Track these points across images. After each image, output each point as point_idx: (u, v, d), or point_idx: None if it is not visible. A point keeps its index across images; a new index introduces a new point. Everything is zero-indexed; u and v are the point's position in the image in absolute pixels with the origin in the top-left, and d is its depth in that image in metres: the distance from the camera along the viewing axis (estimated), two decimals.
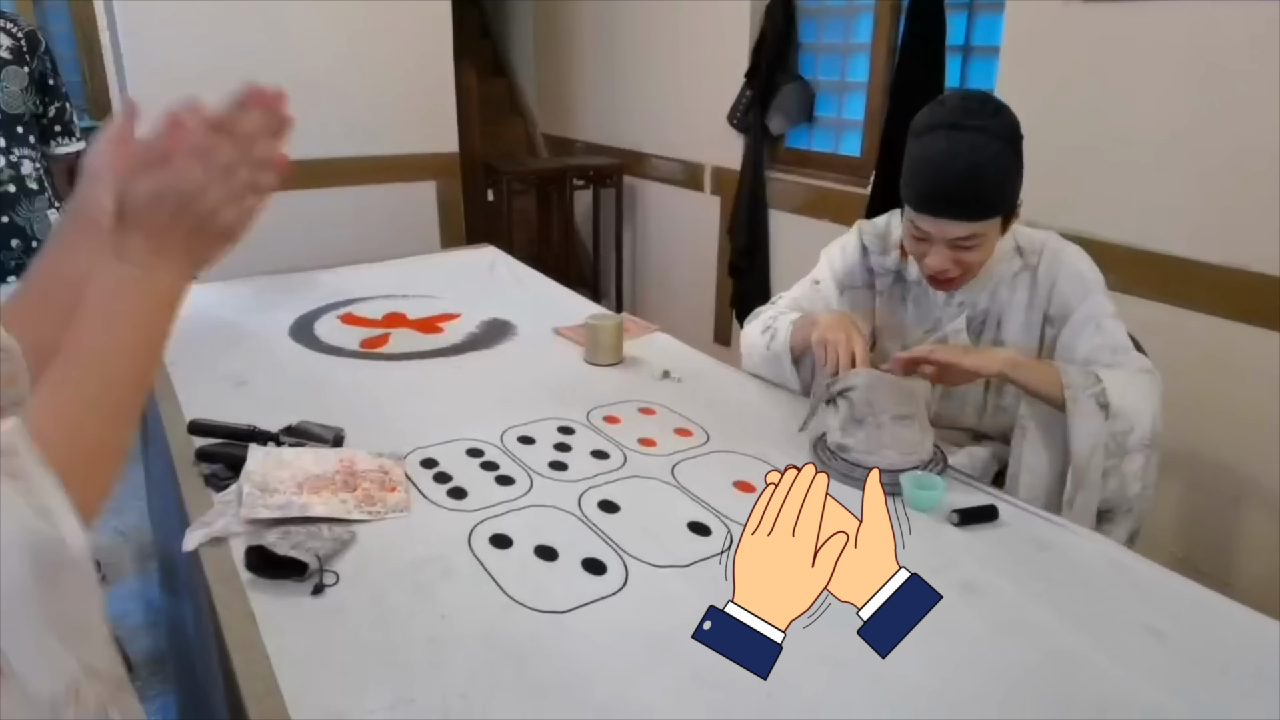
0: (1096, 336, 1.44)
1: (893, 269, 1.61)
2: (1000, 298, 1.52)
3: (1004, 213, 1.39)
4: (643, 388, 1.76)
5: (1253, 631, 1.06)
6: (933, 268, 1.42)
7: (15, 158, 2.10)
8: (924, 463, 1.38)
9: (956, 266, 1.41)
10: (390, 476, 1.34)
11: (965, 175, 1.32)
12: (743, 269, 3.56)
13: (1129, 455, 1.37)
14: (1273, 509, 2.08)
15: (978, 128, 1.33)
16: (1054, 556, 1.21)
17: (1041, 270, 1.49)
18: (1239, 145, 2.01)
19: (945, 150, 1.33)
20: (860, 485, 1.34)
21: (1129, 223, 2.23)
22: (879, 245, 1.62)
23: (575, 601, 1.07)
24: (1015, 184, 1.39)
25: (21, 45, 2.12)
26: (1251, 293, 2.03)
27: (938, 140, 1.35)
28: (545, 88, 5.01)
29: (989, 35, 2.68)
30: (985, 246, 1.40)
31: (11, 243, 2.10)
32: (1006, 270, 1.51)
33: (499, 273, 2.62)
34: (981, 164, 1.32)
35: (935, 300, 1.57)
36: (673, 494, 1.34)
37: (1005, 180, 1.36)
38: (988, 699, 0.93)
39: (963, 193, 1.34)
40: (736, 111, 3.50)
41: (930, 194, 1.37)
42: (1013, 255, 1.51)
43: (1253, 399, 2.07)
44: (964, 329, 1.54)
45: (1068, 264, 1.49)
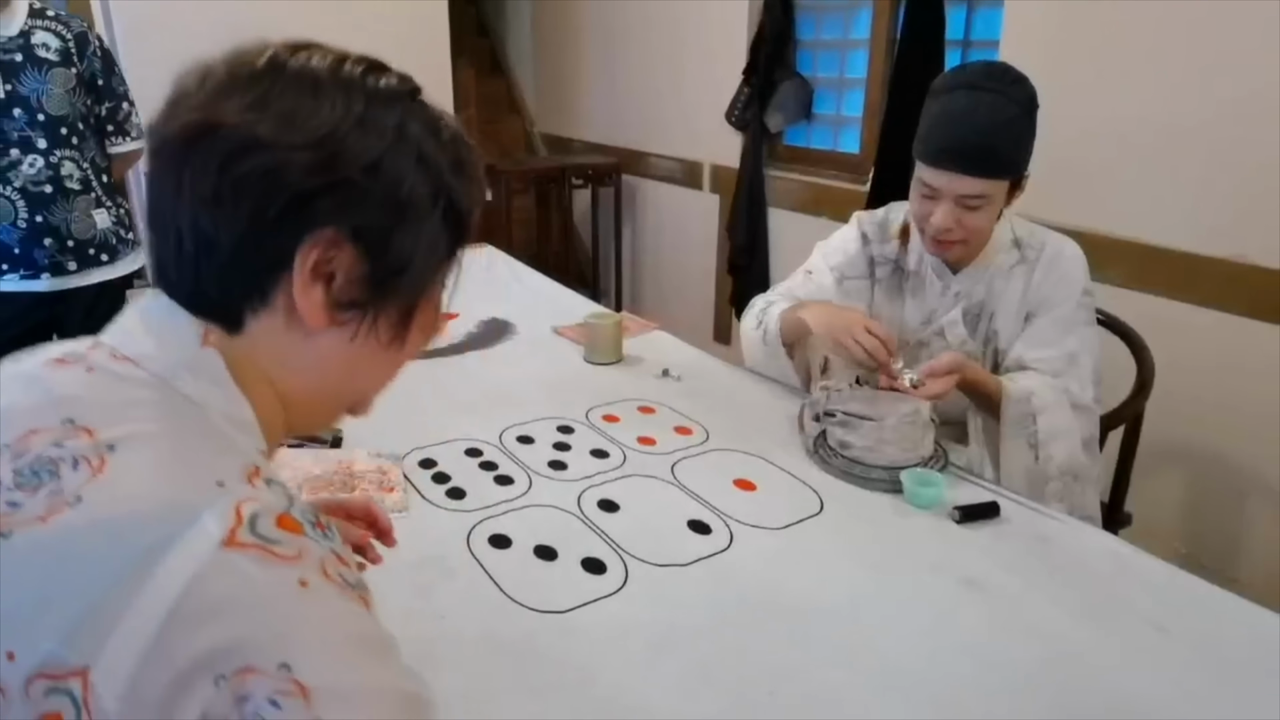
0: (1053, 348, 1.46)
1: (892, 258, 1.61)
2: (995, 289, 1.52)
3: (1013, 177, 1.40)
4: (642, 386, 1.75)
5: (1256, 626, 1.05)
6: (937, 225, 1.42)
7: (56, 159, 2.09)
8: (925, 460, 1.37)
9: (960, 228, 1.42)
10: (388, 477, 1.33)
11: (983, 131, 1.34)
12: (742, 267, 3.55)
13: (1050, 482, 1.42)
14: (1277, 504, 2.07)
15: (998, 90, 1.35)
16: (1056, 552, 1.20)
17: (1039, 267, 1.50)
18: (1240, 139, 2.00)
19: (966, 106, 1.35)
20: (862, 483, 1.35)
21: (1130, 217, 2.22)
22: (879, 234, 1.62)
23: (575, 601, 1.06)
24: (1027, 151, 1.41)
25: (70, 47, 2.11)
26: (1254, 287, 2.02)
27: (958, 98, 1.37)
28: (543, 86, 5.00)
29: (989, 29, 2.67)
30: (989, 211, 1.41)
31: (45, 241, 2.10)
32: (1004, 262, 1.51)
33: (497, 272, 2.61)
34: (1000, 123, 1.34)
35: (932, 291, 1.57)
36: (673, 493, 1.34)
37: (1019, 143, 1.38)
38: (991, 695, 0.92)
39: (979, 148, 1.35)
40: (735, 109, 3.49)
41: (947, 148, 1.37)
42: (1010, 247, 1.51)
43: (1256, 393, 2.06)
44: (960, 320, 1.54)
45: (1063, 266, 1.49)
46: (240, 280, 0.61)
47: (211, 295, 0.61)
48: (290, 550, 0.53)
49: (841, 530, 1.24)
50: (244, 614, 0.51)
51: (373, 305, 0.64)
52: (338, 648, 0.53)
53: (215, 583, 0.50)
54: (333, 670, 0.52)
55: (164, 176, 0.61)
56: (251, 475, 0.56)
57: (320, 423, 0.73)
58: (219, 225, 0.59)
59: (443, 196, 0.65)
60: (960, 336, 1.55)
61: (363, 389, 0.71)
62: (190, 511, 0.52)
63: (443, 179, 0.65)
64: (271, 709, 0.50)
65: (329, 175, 0.60)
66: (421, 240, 0.64)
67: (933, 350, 1.58)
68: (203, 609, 0.50)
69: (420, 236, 0.64)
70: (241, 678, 0.50)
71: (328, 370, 0.66)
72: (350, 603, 0.55)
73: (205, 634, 0.50)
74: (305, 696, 0.51)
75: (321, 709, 0.51)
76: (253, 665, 0.50)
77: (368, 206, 0.61)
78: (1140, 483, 1.84)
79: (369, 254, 0.62)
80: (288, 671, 0.50)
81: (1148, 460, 1.87)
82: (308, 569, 0.53)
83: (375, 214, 0.62)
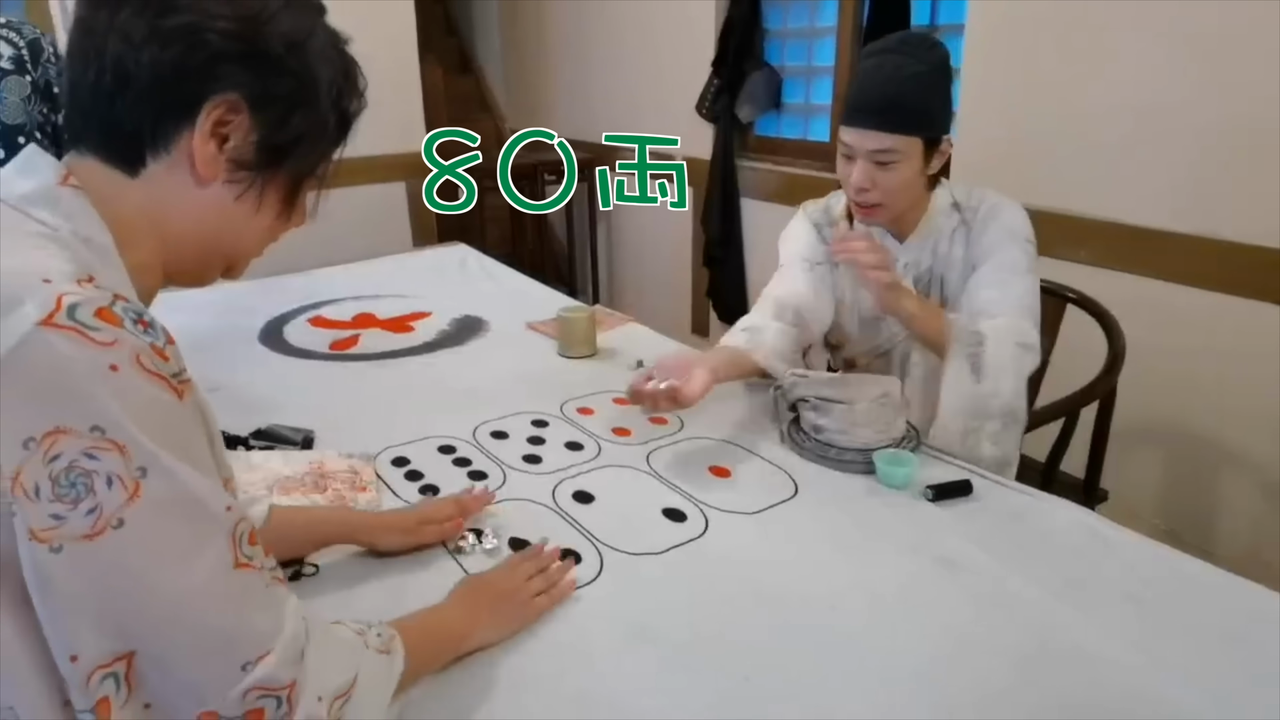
0: (997, 289, 1.45)
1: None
2: (940, 253, 1.54)
3: (922, 134, 1.41)
4: (617, 378, 1.74)
5: (1231, 595, 1.06)
6: (854, 183, 1.45)
7: None
8: (897, 440, 1.37)
9: (875, 190, 1.44)
10: (360, 476, 1.32)
11: (884, 86, 1.39)
12: (717, 259, 3.55)
13: (990, 419, 1.40)
14: (1252, 478, 2.09)
15: (907, 53, 1.39)
16: (1030, 527, 1.20)
17: (977, 223, 1.51)
18: (1209, 117, 2.01)
19: (872, 66, 1.41)
20: (835, 465, 1.35)
21: (1100, 197, 2.23)
22: (825, 219, 1.65)
23: None
24: (936, 107, 1.43)
25: (23, 54, 2.07)
26: (1225, 262, 2.04)
27: (870, 61, 1.43)
28: (514, 84, 4.98)
29: (954, 14, 2.68)
30: (903, 169, 1.42)
31: None
32: (945, 225, 1.53)
33: (470, 269, 2.60)
34: (903, 79, 1.38)
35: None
36: (648, 482, 1.33)
37: (924, 98, 1.40)
38: (970, 671, 0.92)
39: (880, 102, 1.39)
40: (705, 101, 3.49)
41: (853, 106, 1.43)
42: (950, 210, 1.53)
43: (1229, 368, 2.08)
44: (912, 290, 1.55)
45: (1002, 217, 1.50)
46: (149, 119, 0.69)
47: (120, 129, 0.69)
48: (105, 337, 0.59)
49: (816, 513, 1.24)
50: (54, 385, 0.57)
51: (261, 173, 0.74)
52: (144, 426, 0.59)
53: (28, 356, 0.57)
54: (143, 443, 0.59)
55: (97, 12, 0.68)
56: (83, 280, 0.62)
57: (197, 274, 0.80)
58: (140, 65, 0.67)
59: (337, 93, 0.77)
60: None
61: (240, 249, 0.80)
62: (14, 300, 0.58)
63: (341, 79, 0.77)
64: (89, 460, 0.57)
65: (250, 45, 0.70)
66: (314, 124, 0.75)
67: (890, 324, 1.59)
68: (15, 379, 0.56)
69: (313, 121, 0.75)
70: (52, 439, 0.56)
71: (211, 223, 0.75)
72: (162, 392, 0.61)
73: (13, 400, 0.56)
74: (123, 452, 0.58)
75: (140, 461, 0.58)
76: (62, 427, 0.57)
77: (277, 81, 0.72)
78: (1115, 459, 1.85)
79: (265, 124, 0.72)
80: (101, 433, 0.57)
81: (1122, 437, 1.89)
82: (120, 356, 0.59)
83: (281, 90, 0.72)
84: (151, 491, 0.59)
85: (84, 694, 0.60)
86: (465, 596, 0.98)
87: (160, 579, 0.60)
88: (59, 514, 0.57)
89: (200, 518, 0.62)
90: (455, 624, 0.94)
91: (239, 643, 0.63)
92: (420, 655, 0.86)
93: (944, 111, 1.44)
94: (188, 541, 0.61)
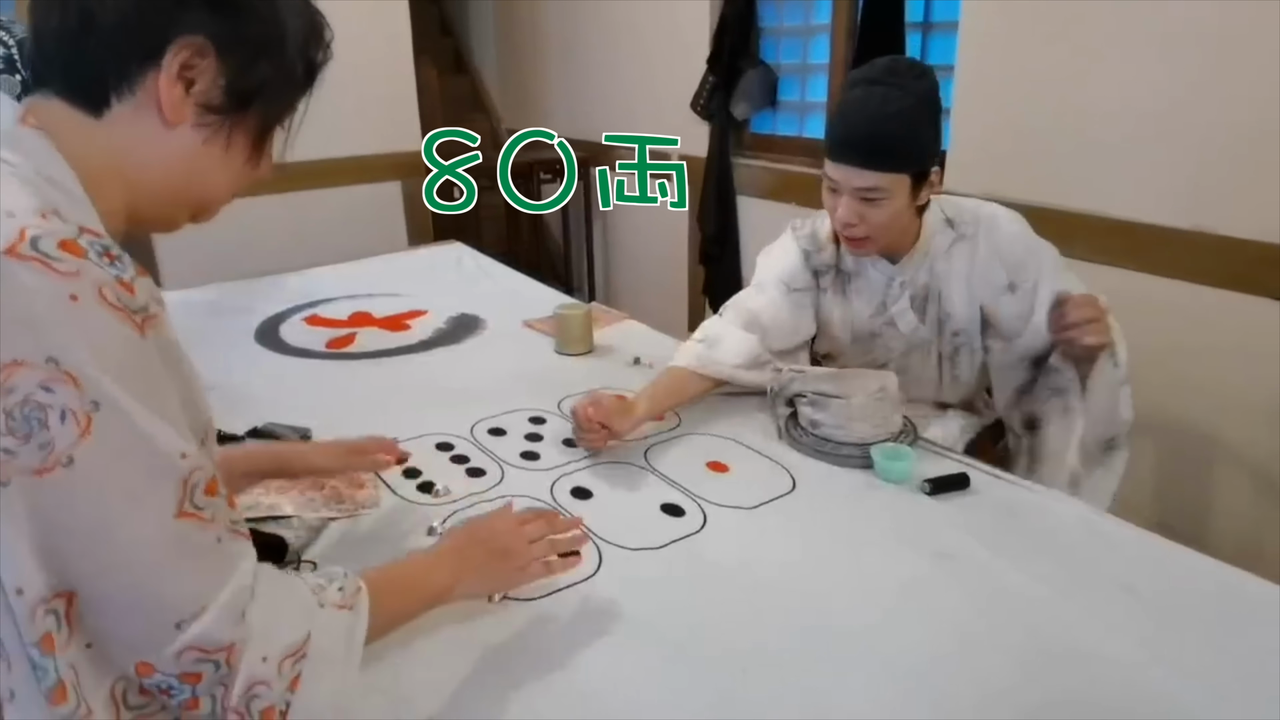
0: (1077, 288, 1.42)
1: (831, 263, 1.59)
2: (938, 271, 1.51)
3: (910, 170, 1.38)
4: (614, 375, 1.75)
5: (1225, 584, 1.07)
6: (840, 219, 1.42)
7: None
8: (894, 434, 1.38)
9: (862, 225, 1.41)
10: (358, 474, 1.32)
11: (870, 123, 1.34)
12: (714, 256, 3.55)
13: (1124, 385, 1.42)
14: (1245, 471, 2.10)
15: (894, 84, 1.34)
16: (1026, 520, 1.21)
17: (981, 239, 1.48)
18: (1207, 112, 2.01)
19: (857, 100, 1.36)
20: (832, 460, 1.36)
21: (1097, 193, 2.24)
22: (813, 244, 1.60)
23: (549, 588, 1.05)
24: (924, 143, 1.38)
25: (13, 53, 2.07)
26: (1214, 256, 2.05)
27: (855, 92, 1.37)
28: (509, 83, 4.98)
29: (948, 11, 2.68)
30: (890, 205, 1.39)
31: None
32: (941, 242, 1.50)
33: (466, 268, 2.60)
34: (889, 115, 1.33)
35: (877, 285, 1.55)
36: (646, 478, 1.34)
37: (911, 135, 1.36)
38: (967, 666, 0.93)
39: (866, 141, 1.35)
40: (700, 99, 3.48)
41: (838, 142, 1.39)
42: (944, 227, 1.50)
43: (1219, 360, 2.08)
44: (909, 308, 1.53)
45: (1005, 229, 1.48)
46: (113, 61, 0.69)
47: (84, 71, 0.69)
48: (68, 268, 0.58)
49: (814, 507, 1.25)
50: (14, 317, 0.57)
51: (229, 117, 0.74)
52: (99, 360, 0.59)
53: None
54: (98, 377, 0.58)
55: None
56: (47, 214, 0.61)
57: (165, 218, 0.79)
58: (104, 7, 0.67)
59: (304, 41, 0.77)
60: (911, 323, 1.54)
61: (207, 194, 0.79)
62: None
63: (308, 31, 0.77)
64: (44, 393, 0.57)
65: None
66: (280, 70, 0.76)
67: (886, 340, 1.58)
68: None
69: (280, 67, 0.75)
70: (9, 372, 0.56)
71: (177, 166, 0.74)
72: (123, 327, 0.60)
73: None
74: (77, 385, 0.58)
75: (94, 395, 0.58)
76: (19, 359, 0.56)
77: (244, 26, 0.72)
78: None
79: (232, 68, 0.72)
80: (55, 365, 0.57)
81: None
82: (82, 287, 0.58)
83: (248, 34, 0.72)
84: (102, 428, 0.58)
85: (30, 627, 0.60)
86: (456, 552, 0.95)
87: (102, 523, 0.60)
88: (10, 448, 0.57)
89: (149, 461, 0.61)
90: (437, 579, 0.91)
91: (171, 599, 0.63)
92: (391, 609, 0.84)
93: (933, 144, 1.40)
94: (134, 485, 0.61)
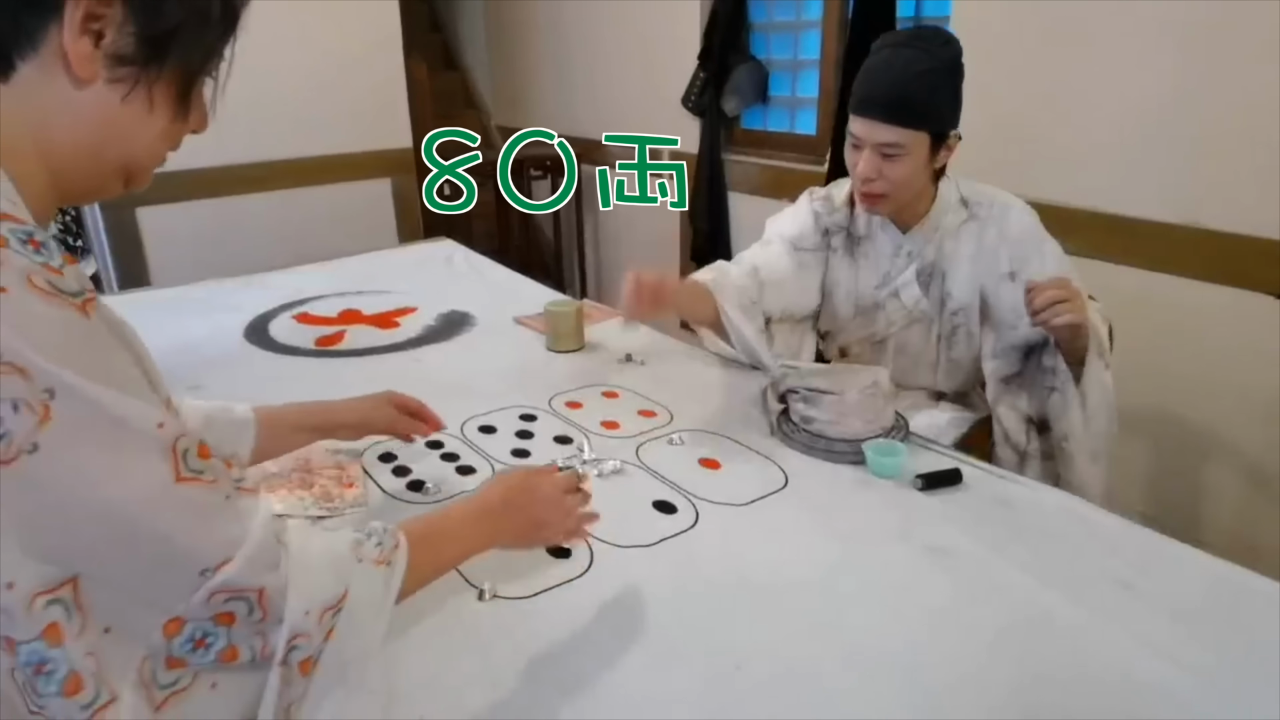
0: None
1: (844, 225, 1.65)
2: (946, 249, 1.55)
3: (929, 129, 1.43)
4: (605, 372, 1.74)
5: (1218, 577, 1.06)
6: (860, 173, 1.47)
7: None
8: (886, 430, 1.37)
9: (881, 180, 1.46)
10: (347, 473, 1.31)
11: (894, 82, 1.41)
12: (705, 252, 3.54)
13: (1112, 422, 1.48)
14: (1239, 466, 2.11)
15: (920, 48, 1.41)
16: (1019, 515, 1.21)
17: (990, 224, 1.52)
18: (1199, 107, 2.02)
19: (884, 60, 1.43)
20: (825, 456, 1.35)
21: (1089, 187, 2.24)
22: (827, 207, 1.66)
23: (540, 586, 1.05)
24: (944, 104, 1.44)
25: None
26: (1207, 250, 2.05)
27: (882, 54, 1.44)
28: (499, 79, 4.96)
29: (939, 7, 2.68)
30: (909, 161, 1.44)
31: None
32: (953, 221, 1.54)
33: (456, 265, 2.59)
34: (913, 75, 1.40)
35: (884, 252, 1.60)
36: (637, 475, 1.33)
37: (933, 94, 1.42)
38: (961, 659, 0.92)
39: (888, 96, 1.41)
40: (691, 95, 3.48)
41: (863, 97, 1.45)
42: (959, 206, 1.54)
43: (1212, 354, 2.09)
44: (914, 280, 1.57)
45: (1016, 218, 1.52)
46: (8, 16, 0.63)
47: None
48: None
49: (807, 503, 1.24)
50: None
51: (145, 70, 0.68)
52: (43, 347, 0.56)
53: None
54: (45, 365, 0.56)
55: None
56: None
57: (94, 187, 0.74)
58: None
59: None
60: (914, 296, 1.58)
61: (136, 157, 0.72)
62: None
63: None
64: None
65: None
66: (193, 11, 0.69)
67: (888, 312, 1.60)
68: None
69: (192, 7, 0.69)
70: None
71: (98, 128, 0.68)
72: (62, 310, 0.58)
73: None
74: (24, 376, 0.55)
75: (46, 383, 0.56)
76: None
77: None
78: None
79: (140, 14, 0.66)
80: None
81: None
82: (9, 277, 0.56)
83: None
84: (63, 412, 0.57)
85: (27, 620, 0.58)
86: (496, 514, 0.94)
87: (90, 501, 0.58)
88: None
89: (122, 435, 0.60)
90: (473, 540, 0.91)
91: (192, 551, 0.62)
92: (426, 565, 0.83)
93: (953, 108, 1.46)
94: (115, 461, 0.59)
